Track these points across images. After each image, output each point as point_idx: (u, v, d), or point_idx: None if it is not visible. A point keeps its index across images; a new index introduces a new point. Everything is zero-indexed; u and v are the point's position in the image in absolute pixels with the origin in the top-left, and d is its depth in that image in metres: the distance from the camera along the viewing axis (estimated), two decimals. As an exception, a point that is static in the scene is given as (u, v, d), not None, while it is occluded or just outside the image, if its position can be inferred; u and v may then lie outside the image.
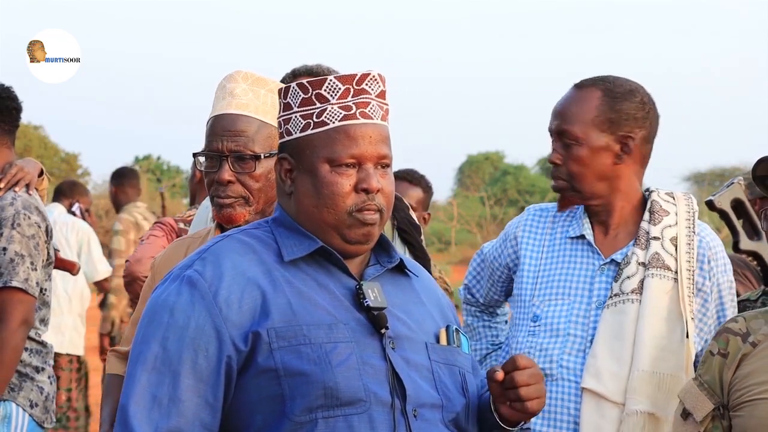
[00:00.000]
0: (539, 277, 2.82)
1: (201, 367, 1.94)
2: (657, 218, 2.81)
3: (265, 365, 1.94)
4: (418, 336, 2.08)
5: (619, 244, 2.81)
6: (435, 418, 2.03)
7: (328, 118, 2.04)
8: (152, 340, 1.97)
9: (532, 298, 2.80)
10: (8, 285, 3.58)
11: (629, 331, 2.70)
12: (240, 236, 2.07)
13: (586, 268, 2.78)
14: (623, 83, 2.80)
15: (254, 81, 2.60)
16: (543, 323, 2.76)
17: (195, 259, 2.03)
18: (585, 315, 2.74)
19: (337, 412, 1.93)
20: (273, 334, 1.94)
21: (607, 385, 2.67)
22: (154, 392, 1.94)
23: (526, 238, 2.88)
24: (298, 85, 2.06)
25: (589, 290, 2.76)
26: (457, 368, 2.12)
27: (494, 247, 2.98)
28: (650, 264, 2.75)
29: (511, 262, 2.91)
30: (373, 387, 1.96)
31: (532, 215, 2.91)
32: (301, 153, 2.05)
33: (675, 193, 2.90)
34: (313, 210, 2.05)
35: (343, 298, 2.03)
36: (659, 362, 2.70)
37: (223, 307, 1.96)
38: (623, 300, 2.72)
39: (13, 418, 3.65)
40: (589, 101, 2.75)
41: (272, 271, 2.00)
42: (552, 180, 2.80)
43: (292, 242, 2.04)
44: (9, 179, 3.70)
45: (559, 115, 2.76)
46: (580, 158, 2.74)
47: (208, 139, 2.59)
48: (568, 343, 2.72)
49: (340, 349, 1.96)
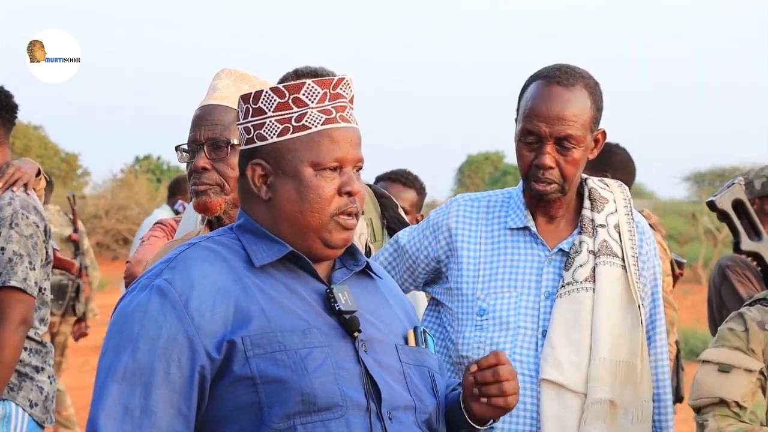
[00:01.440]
0: (480, 269, 2.77)
1: (174, 377, 1.91)
2: (599, 206, 2.80)
3: (241, 373, 1.92)
4: (387, 338, 2.08)
5: (561, 233, 2.79)
6: (409, 420, 2.03)
7: (309, 122, 2.02)
8: (122, 351, 1.93)
9: (476, 292, 2.75)
10: (7, 285, 3.57)
11: (586, 320, 2.69)
12: (207, 243, 2.04)
13: (532, 259, 2.75)
14: (590, 75, 2.79)
15: (238, 77, 2.64)
16: (491, 317, 2.71)
17: (163, 268, 1.99)
18: (534, 306, 2.71)
19: (314, 418, 1.92)
20: (248, 342, 1.92)
21: (568, 374, 2.65)
22: (126, 403, 1.90)
23: (461, 230, 2.82)
24: (272, 90, 2.03)
25: (536, 281, 2.72)
26: (426, 369, 2.12)
27: (417, 239, 2.88)
28: (600, 252, 2.74)
29: (444, 255, 2.83)
30: (349, 391, 1.95)
31: (463, 206, 2.85)
32: (280, 158, 2.03)
33: (605, 180, 2.91)
34: (296, 215, 2.03)
35: (314, 303, 2.02)
36: (616, 349, 2.70)
37: (195, 316, 1.93)
38: (577, 288, 2.70)
39: (12, 418, 3.65)
40: (583, 102, 2.71)
41: (242, 278, 1.98)
42: (536, 183, 2.72)
43: (261, 248, 2.03)
44: (7, 179, 3.69)
45: (559, 120, 2.68)
46: (577, 160, 2.71)
47: (189, 132, 2.62)
48: (519, 335, 2.69)
49: (315, 355, 1.95)
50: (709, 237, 20.70)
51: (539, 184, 2.72)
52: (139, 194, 24.07)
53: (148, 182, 26.16)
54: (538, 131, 2.70)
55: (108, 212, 22.97)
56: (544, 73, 2.76)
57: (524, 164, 2.74)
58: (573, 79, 2.73)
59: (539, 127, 2.69)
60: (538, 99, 2.72)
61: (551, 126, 2.69)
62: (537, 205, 2.78)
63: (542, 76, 2.76)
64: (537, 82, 2.75)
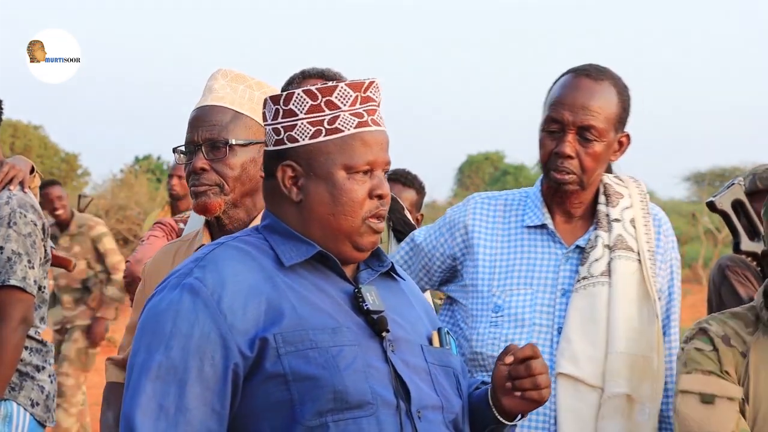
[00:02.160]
0: (496, 266, 2.77)
1: (207, 375, 1.92)
2: (614, 201, 2.80)
3: (273, 371, 1.93)
4: (413, 338, 2.09)
5: (578, 231, 2.79)
6: (437, 420, 2.04)
7: (342, 125, 2.03)
8: (155, 349, 1.94)
9: (491, 289, 2.75)
10: (6, 284, 3.57)
11: (602, 314, 2.69)
12: (235, 243, 2.06)
13: (549, 257, 2.75)
14: (619, 77, 2.80)
15: (233, 77, 2.63)
16: (506, 314, 2.72)
17: (192, 267, 2.00)
18: (549, 304, 2.71)
19: (346, 415, 1.92)
20: (280, 339, 1.93)
21: (585, 368, 2.65)
22: (161, 401, 1.91)
23: (477, 227, 2.82)
24: (305, 92, 2.04)
25: (553, 279, 2.73)
26: (451, 369, 2.13)
27: (434, 237, 2.89)
28: (615, 246, 2.74)
29: (459, 252, 2.83)
30: (379, 390, 1.96)
31: (480, 204, 2.85)
32: (313, 160, 2.03)
33: (620, 175, 2.91)
34: (328, 218, 2.04)
35: (342, 303, 2.02)
36: (632, 343, 2.69)
37: (228, 314, 1.94)
38: (593, 283, 2.71)
39: (14, 418, 3.65)
40: (610, 97, 2.73)
41: (273, 277, 1.99)
42: (555, 172, 2.73)
43: (289, 248, 2.04)
44: (2, 177, 3.69)
45: (583, 109, 2.69)
46: (598, 154, 2.72)
47: (186, 133, 2.61)
48: (534, 332, 2.69)
49: (346, 353, 1.95)
50: (709, 237, 20.72)
51: (557, 172, 2.72)
52: (139, 194, 24.04)
53: (148, 182, 26.13)
54: (561, 119, 2.71)
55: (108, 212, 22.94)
56: (575, 67, 2.78)
57: (545, 153, 2.74)
58: (602, 74, 2.75)
59: (563, 115, 2.70)
60: (565, 88, 2.74)
61: (575, 114, 2.70)
62: (554, 200, 2.78)
63: (573, 69, 2.78)
64: (567, 75, 2.78)
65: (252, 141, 2.57)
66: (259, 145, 2.57)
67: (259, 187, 2.57)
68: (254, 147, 2.57)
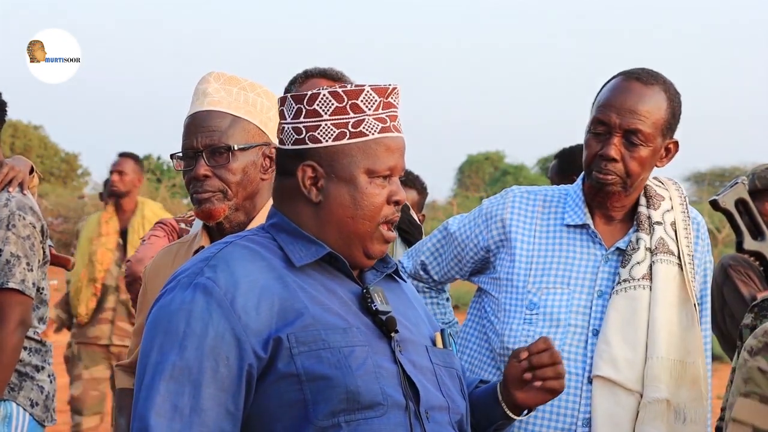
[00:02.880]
0: (533, 263, 2.74)
1: (222, 375, 1.91)
2: (655, 203, 2.78)
3: (286, 371, 1.92)
4: (418, 339, 2.10)
5: (618, 232, 2.77)
6: (444, 420, 2.04)
7: (366, 129, 2.03)
8: (168, 350, 1.92)
9: (527, 285, 2.72)
10: (5, 287, 3.57)
11: (642, 317, 2.66)
12: (244, 242, 2.04)
13: (588, 258, 2.73)
14: (672, 83, 2.76)
15: (226, 80, 2.61)
16: (541, 312, 2.69)
17: (203, 267, 1.99)
18: (586, 305, 2.68)
19: (358, 416, 1.92)
20: (293, 339, 1.92)
21: (623, 372, 2.62)
22: (175, 402, 1.89)
23: (516, 222, 2.79)
24: (331, 93, 2.03)
25: (591, 280, 2.70)
26: (454, 371, 2.14)
27: (468, 227, 2.86)
28: (657, 249, 2.72)
29: (494, 245, 2.80)
30: (389, 390, 1.96)
31: (518, 198, 2.82)
32: (335, 162, 2.03)
33: (659, 177, 2.88)
34: (347, 220, 2.04)
35: (351, 303, 2.03)
36: (672, 348, 2.67)
37: (242, 314, 1.93)
38: (634, 286, 2.68)
39: (13, 418, 3.65)
40: (660, 103, 2.69)
41: (284, 277, 1.99)
42: (597, 172, 2.69)
43: (298, 248, 2.03)
44: (2, 179, 3.69)
45: (631, 113, 2.66)
46: (643, 159, 2.68)
47: (183, 139, 2.59)
48: (569, 333, 2.66)
49: (357, 353, 1.95)
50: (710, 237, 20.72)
51: (600, 173, 2.69)
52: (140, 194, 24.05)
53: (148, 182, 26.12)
54: (608, 121, 2.68)
55: (107, 212, 22.94)
56: (627, 71, 2.75)
57: (590, 154, 2.71)
58: (653, 79, 2.71)
59: (610, 117, 2.67)
60: (614, 91, 2.71)
61: (622, 117, 2.67)
62: (595, 201, 2.75)
63: (624, 72, 2.75)
64: (617, 78, 2.75)
65: (252, 144, 2.56)
66: (257, 148, 2.56)
67: (258, 188, 2.58)
68: (253, 150, 2.56)
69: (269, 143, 2.59)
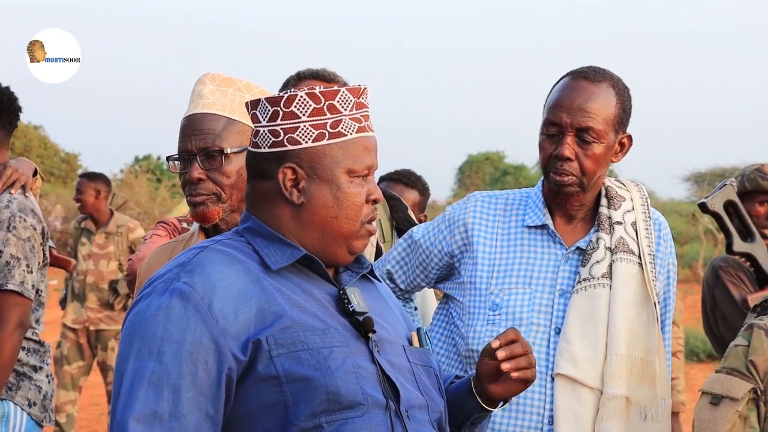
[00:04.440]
0: (495, 265, 2.77)
1: (201, 380, 1.91)
2: (616, 203, 2.81)
3: (266, 373, 1.92)
4: (395, 339, 2.11)
5: (579, 232, 2.80)
6: (424, 419, 2.05)
7: (344, 130, 2.04)
8: (146, 355, 1.91)
9: (489, 287, 2.75)
10: (4, 288, 3.59)
11: (602, 316, 2.69)
12: (219, 247, 2.04)
13: (549, 258, 2.76)
14: (620, 78, 2.80)
15: (222, 81, 2.62)
16: (504, 312, 2.71)
17: (178, 272, 1.98)
18: (548, 304, 2.71)
19: (339, 416, 1.92)
20: (272, 341, 1.92)
21: (584, 370, 2.65)
22: (154, 407, 1.89)
23: (477, 226, 2.82)
24: (308, 95, 2.03)
25: (552, 279, 2.73)
26: (432, 369, 2.15)
27: (432, 233, 2.90)
28: (617, 248, 2.75)
29: (458, 250, 2.84)
30: (369, 390, 1.96)
31: (480, 202, 2.86)
32: (317, 163, 2.03)
33: (621, 179, 2.91)
34: (331, 220, 2.05)
35: (327, 304, 2.03)
36: (632, 346, 2.69)
37: (220, 318, 1.92)
38: (593, 285, 2.71)
39: (11, 418, 3.66)
40: (608, 99, 2.73)
41: (261, 280, 1.99)
42: (555, 174, 2.73)
43: (274, 251, 2.04)
44: (5, 181, 3.71)
45: (581, 111, 2.70)
46: (597, 156, 2.72)
47: (179, 142, 2.60)
48: (532, 332, 2.69)
49: (336, 354, 1.95)
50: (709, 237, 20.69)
51: (557, 175, 2.73)
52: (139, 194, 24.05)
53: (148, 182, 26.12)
54: (559, 121, 2.71)
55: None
56: (573, 70, 2.78)
57: (544, 156, 2.75)
58: (600, 76, 2.75)
59: (560, 117, 2.71)
60: (563, 91, 2.74)
61: (572, 116, 2.70)
62: (555, 202, 2.79)
63: (571, 72, 2.79)
64: (565, 78, 2.78)
65: (246, 147, 2.54)
66: None
67: None
68: None
69: None
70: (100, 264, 7.82)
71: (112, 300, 7.75)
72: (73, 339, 7.70)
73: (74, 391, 7.62)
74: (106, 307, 7.77)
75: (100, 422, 9.20)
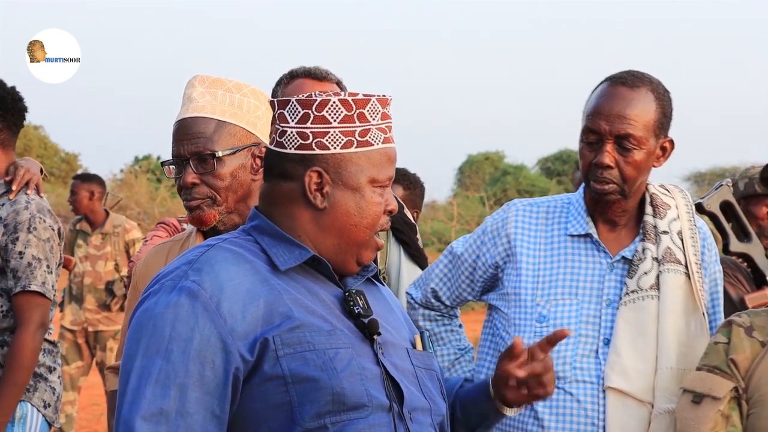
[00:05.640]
0: (539, 275, 2.75)
1: (208, 379, 1.91)
2: (661, 212, 2.78)
3: (272, 373, 1.92)
4: (399, 342, 2.12)
5: (623, 240, 2.77)
6: (426, 422, 2.06)
7: (372, 139, 2.05)
8: (154, 353, 1.91)
9: (535, 298, 2.73)
10: (27, 289, 3.61)
11: (651, 328, 2.67)
12: (227, 245, 2.04)
13: (593, 267, 2.73)
14: (659, 82, 2.76)
15: (211, 83, 2.61)
16: (551, 324, 2.69)
17: (187, 270, 1.98)
18: (595, 315, 2.69)
19: (343, 417, 1.93)
20: (279, 341, 1.93)
21: (634, 383, 2.64)
22: (161, 405, 1.89)
23: (520, 235, 2.80)
24: (341, 101, 2.04)
25: (598, 289, 2.71)
26: (434, 373, 2.16)
27: (475, 245, 2.88)
28: (664, 259, 2.72)
29: (501, 260, 2.81)
30: (373, 392, 1.97)
31: (521, 211, 2.84)
32: (343, 169, 2.04)
33: (665, 185, 2.88)
34: (350, 228, 2.06)
35: (333, 306, 2.04)
36: (682, 358, 2.67)
37: (228, 318, 1.93)
38: (642, 296, 2.69)
39: (28, 419, 3.67)
40: (648, 104, 2.69)
41: (269, 280, 1.99)
42: (595, 182, 2.70)
43: (282, 251, 2.04)
44: (20, 181, 3.73)
45: (620, 118, 2.67)
46: (638, 162, 2.69)
47: (172, 147, 2.60)
48: (581, 344, 2.67)
49: (342, 355, 1.96)
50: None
51: (598, 183, 2.70)
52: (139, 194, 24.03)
53: (148, 182, 26.09)
54: (598, 129, 2.69)
55: (104, 212, 22.93)
56: (612, 76, 2.75)
57: (585, 164, 2.72)
58: (639, 81, 2.71)
59: (599, 125, 2.68)
60: (601, 98, 2.71)
61: (611, 124, 2.67)
62: (597, 210, 2.76)
63: (610, 77, 2.75)
64: (603, 84, 2.75)
65: (238, 148, 2.56)
66: (246, 150, 2.57)
67: (250, 190, 2.58)
68: (241, 153, 2.56)
69: (259, 143, 2.59)
70: (97, 265, 7.83)
71: (108, 301, 7.76)
72: (71, 339, 7.71)
73: (73, 391, 7.63)
74: (104, 308, 7.78)
75: (99, 422, 9.21)
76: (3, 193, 3.74)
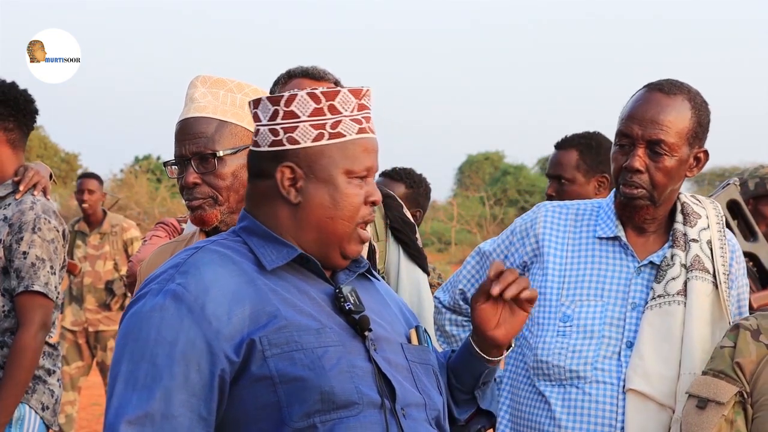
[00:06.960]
0: (566, 276, 2.75)
1: (193, 381, 1.91)
2: (692, 221, 2.77)
3: (259, 373, 1.92)
4: (393, 337, 2.11)
5: (651, 246, 2.77)
6: (421, 417, 2.05)
7: (344, 130, 2.04)
8: (140, 357, 1.91)
9: (560, 298, 2.73)
10: (30, 289, 3.61)
11: (677, 333, 2.66)
12: (214, 247, 2.04)
13: (620, 270, 2.73)
14: (697, 91, 2.77)
15: (213, 83, 2.62)
16: (575, 324, 2.69)
17: (173, 273, 1.98)
18: (620, 317, 2.69)
19: (333, 416, 1.92)
20: (266, 342, 1.92)
21: (656, 386, 2.63)
22: (147, 409, 1.88)
23: (548, 236, 2.80)
24: (308, 95, 2.04)
25: (624, 292, 2.71)
26: (430, 367, 2.15)
27: (504, 245, 2.89)
28: (692, 266, 2.71)
29: (529, 260, 2.82)
30: (364, 389, 1.96)
31: (551, 212, 2.84)
32: (314, 163, 2.03)
33: (697, 196, 2.88)
34: (327, 221, 2.05)
35: (323, 303, 2.03)
36: (705, 365, 2.64)
37: (213, 320, 1.92)
38: (669, 302, 2.68)
39: (26, 421, 3.67)
40: (683, 112, 2.69)
41: (255, 280, 1.99)
42: (624, 186, 2.70)
43: (269, 250, 2.04)
44: (27, 182, 3.74)
45: (653, 123, 2.67)
46: (669, 169, 2.68)
47: (174, 147, 2.60)
48: (603, 345, 2.66)
49: (331, 354, 1.95)
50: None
51: (627, 187, 2.70)
52: (139, 194, 24.08)
53: (148, 182, 26.14)
54: (630, 133, 2.68)
55: (108, 212, 22.97)
56: (652, 83, 2.75)
57: (616, 167, 2.73)
58: (676, 89, 2.71)
59: (632, 129, 2.68)
60: (637, 103, 2.71)
61: (644, 128, 2.67)
62: (625, 215, 2.75)
63: (648, 84, 2.75)
64: (641, 90, 2.75)
65: (240, 147, 2.56)
66: (247, 150, 2.53)
67: None
68: (243, 152, 2.56)
69: None
70: (96, 265, 7.85)
71: (108, 300, 7.77)
72: (71, 339, 7.71)
73: (73, 391, 7.63)
74: (104, 308, 7.79)
75: (99, 422, 9.20)
76: (10, 193, 3.76)
